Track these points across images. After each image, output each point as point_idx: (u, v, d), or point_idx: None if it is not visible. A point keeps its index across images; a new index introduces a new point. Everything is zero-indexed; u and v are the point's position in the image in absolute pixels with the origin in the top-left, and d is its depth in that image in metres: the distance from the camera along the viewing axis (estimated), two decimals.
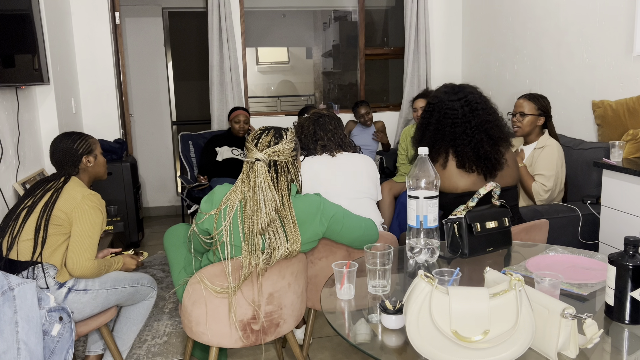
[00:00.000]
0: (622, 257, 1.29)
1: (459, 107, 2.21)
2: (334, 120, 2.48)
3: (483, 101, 2.25)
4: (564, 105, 3.62)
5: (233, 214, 1.77)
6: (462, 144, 2.19)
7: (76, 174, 2.20)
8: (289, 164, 1.83)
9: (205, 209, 1.83)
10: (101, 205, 2.11)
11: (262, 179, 1.76)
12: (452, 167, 2.22)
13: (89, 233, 2.03)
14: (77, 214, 2.03)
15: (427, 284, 1.17)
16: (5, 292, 1.71)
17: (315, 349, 2.63)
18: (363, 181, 2.39)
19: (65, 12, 4.12)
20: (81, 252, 2.00)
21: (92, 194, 2.09)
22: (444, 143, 2.22)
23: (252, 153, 1.80)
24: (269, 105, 7.61)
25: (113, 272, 2.17)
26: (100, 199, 2.12)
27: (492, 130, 2.20)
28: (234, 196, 1.79)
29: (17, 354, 1.71)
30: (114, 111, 4.54)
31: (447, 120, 2.22)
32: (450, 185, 2.22)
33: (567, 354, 1.15)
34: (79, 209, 2.04)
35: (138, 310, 2.33)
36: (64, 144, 2.19)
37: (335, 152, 2.41)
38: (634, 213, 2.40)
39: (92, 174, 2.28)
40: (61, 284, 2.00)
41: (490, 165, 2.20)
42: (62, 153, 2.18)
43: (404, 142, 4.09)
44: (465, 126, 2.19)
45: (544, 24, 3.77)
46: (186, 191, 4.08)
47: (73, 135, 2.23)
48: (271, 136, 1.82)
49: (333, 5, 6.92)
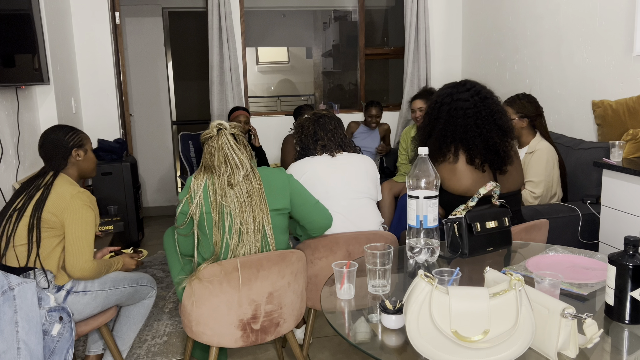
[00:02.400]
0: (622, 256, 1.29)
1: (470, 97, 2.22)
2: (334, 121, 2.48)
3: (490, 92, 2.28)
4: (564, 105, 3.62)
5: (203, 187, 1.91)
6: (472, 135, 2.18)
7: (64, 168, 2.11)
8: (244, 138, 2.01)
9: (181, 197, 1.97)
10: (91, 203, 2.05)
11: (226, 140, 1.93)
12: (462, 163, 2.20)
13: (83, 234, 1.99)
14: (69, 215, 1.98)
15: (427, 283, 1.17)
16: (5, 291, 1.71)
17: (315, 349, 2.63)
18: (363, 181, 2.39)
19: (65, 12, 4.12)
20: (79, 254, 1.97)
21: (81, 192, 2.03)
22: (454, 137, 2.21)
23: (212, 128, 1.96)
24: (269, 105, 7.61)
25: (113, 273, 2.16)
26: (89, 195, 2.06)
27: (500, 120, 2.22)
28: (200, 175, 1.95)
29: (17, 353, 1.71)
30: (114, 111, 4.54)
31: (458, 112, 2.21)
32: (458, 183, 2.20)
33: (567, 354, 1.15)
34: (70, 209, 1.98)
35: (138, 309, 2.33)
36: (55, 135, 2.12)
37: (335, 152, 2.41)
38: (634, 213, 2.40)
39: (81, 170, 2.18)
40: (59, 287, 1.98)
41: (499, 159, 2.20)
42: (52, 144, 2.10)
43: (404, 142, 4.09)
44: (476, 116, 2.19)
45: (544, 23, 3.77)
46: None
47: (65, 128, 2.16)
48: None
49: (333, 5, 6.92)
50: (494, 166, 2.21)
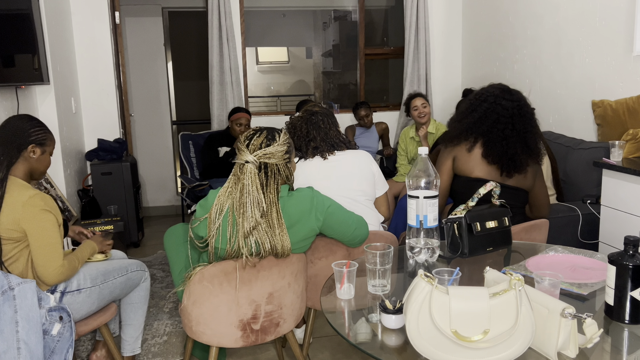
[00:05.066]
0: (622, 256, 1.29)
1: (510, 107, 2.23)
2: (326, 118, 2.38)
3: (531, 112, 2.28)
4: (564, 105, 3.62)
5: (223, 217, 1.76)
6: (494, 139, 2.21)
7: (15, 162, 1.94)
8: (280, 167, 1.78)
9: (199, 214, 1.81)
10: (47, 205, 1.89)
11: (250, 181, 1.73)
12: (477, 154, 2.24)
13: (47, 241, 1.87)
14: (27, 224, 1.85)
15: (427, 283, 1.17)
16: (5, 291, 1.71)
17: (315, 349, 2.63)
18: (357, 181, 2.34)
19: (65, 12, 4.12)
20: (48, 262, 1.88)
21: (32, 197, 1.87)
22: (479, 132, 2.25)
23: (242, 155, 1.76)
24: (269, 105, 7.62)
25: (101, 267, 2.13)
26: (43, 197, 1.90)
27: (530, 140, 2.23)
28: (223, 199, 1.76)
29: (17, 353, 1.71)
30: (114, 111, 4.54)
31: (493, 115, 2.23)
32: (466, 168, 2.26)
33: (567, 354, 1.15)
34: (26, 219, 1.85)
35: (138, 293, 2.33)
36: (20, 123, 1.96)
37: (328, 154, 2.32)
38: (634, 213, 2.40)
39: (32, 169, 2.00)
40: (53, 289, 1.95)
41: (513, 165, 2.21)
42: (12, 131, 1.94)
43: (403, 143, 4.09)
44: (506, 126, 2.21)
45: (544, 23, 3.77)
46: (186, 191, 4.08)
47: (35, 121, 2.01)
48: (263, 137, 1.78)
49: (333, 5, 6.93)
50: (504, 167, 2.22)
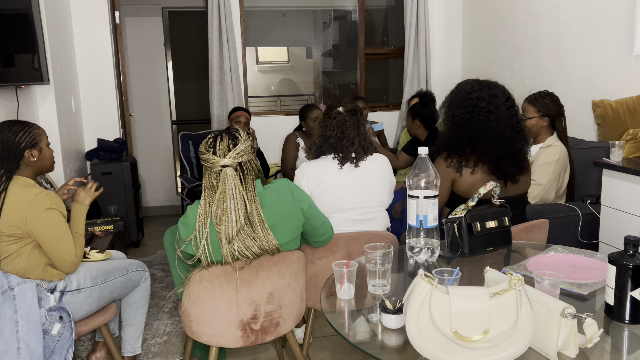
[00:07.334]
0: (622, 256, 1.29)
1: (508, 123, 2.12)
2: (357, 119, 2.28)
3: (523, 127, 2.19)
4: (564, 105, 3.61)
5: (208, 232, 1.75)
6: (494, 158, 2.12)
7: (18, 169, 1.94)
8: (251, 162, 1.80)
9: (184, 235, 1.80)
10: (53, 202, 1.90)
11: (232, 185, 1.73)
12: (479, 175, 2.13)
13: (58, 237, 1.90)
14: (34, 225, 1.86)
15: (427, 283, 1.17)
16: (5, 291, 1.71)
17: (315, 349, 2.63)
18: (380, 193, 2.30)
19: (65, 12, 4.12)
20: (64, 257, 1.92)
21: (37, 195, 1.87)
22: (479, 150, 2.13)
23: (216, 161, 1.74)
24: (269, 104, 7.61)
25: (101, 267, 2.13)
26: (48, 195, 1.90)
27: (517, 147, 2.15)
28: (203, 216, 1.76)
29: (17, 353, 1.71)
30: (114, 111, 4.54)
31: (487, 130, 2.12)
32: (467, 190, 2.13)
33: (567, 354, 1.15)
34: (32, 218, 1.85)
35: (138, 293, 2.33)
36: (4, 137, 1.91)
37: (359, 161, 2.24)
38: (634, 213, 2.40)
39: (37, 169, 2.01)
40: (53, 288, 1.96)
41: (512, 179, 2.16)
42: (2, 147, 1.90)
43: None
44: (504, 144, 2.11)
45: (544, 23, 3.77)
46: (186, 191, 4.08)
47: (15, 126, 1.95)
48: (227, 140, 1.77)
49: (333, 4, 6.92)
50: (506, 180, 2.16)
